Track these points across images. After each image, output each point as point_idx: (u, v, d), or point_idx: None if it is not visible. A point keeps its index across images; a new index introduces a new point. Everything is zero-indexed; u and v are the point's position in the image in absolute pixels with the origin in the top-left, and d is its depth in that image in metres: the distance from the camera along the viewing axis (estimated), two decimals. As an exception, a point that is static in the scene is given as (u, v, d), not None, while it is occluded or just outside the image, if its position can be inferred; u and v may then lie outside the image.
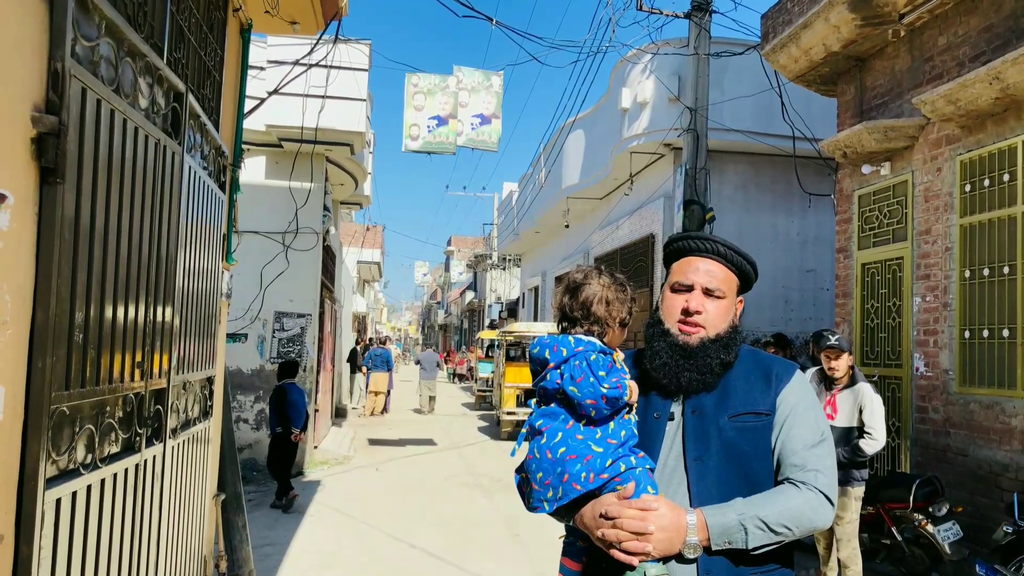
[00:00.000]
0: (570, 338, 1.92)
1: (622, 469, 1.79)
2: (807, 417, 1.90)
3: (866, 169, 7.66)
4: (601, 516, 1.77)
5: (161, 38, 2.89)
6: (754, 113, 10.76)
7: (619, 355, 1.94)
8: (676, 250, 2.06)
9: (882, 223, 7.62)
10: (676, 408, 1.94)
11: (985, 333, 6.19)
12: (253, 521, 6.64)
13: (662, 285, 2.09)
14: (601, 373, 1.80)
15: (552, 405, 1.90)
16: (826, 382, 5.62)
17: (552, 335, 1.95)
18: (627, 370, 1.91)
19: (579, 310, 1.95)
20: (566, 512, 1.87)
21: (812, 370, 6.41)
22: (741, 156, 11.57)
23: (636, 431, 1.89)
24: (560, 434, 1.84)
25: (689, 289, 1.97)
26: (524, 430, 1.96)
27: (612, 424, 1.84)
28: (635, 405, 1.93)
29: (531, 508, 1.91)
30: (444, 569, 6.32)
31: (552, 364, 1.89)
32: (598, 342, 1.92)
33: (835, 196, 8.60)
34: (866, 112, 7.91)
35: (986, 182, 6.26)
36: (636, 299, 2.04)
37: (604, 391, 1.79)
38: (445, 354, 40.86)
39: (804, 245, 11.68)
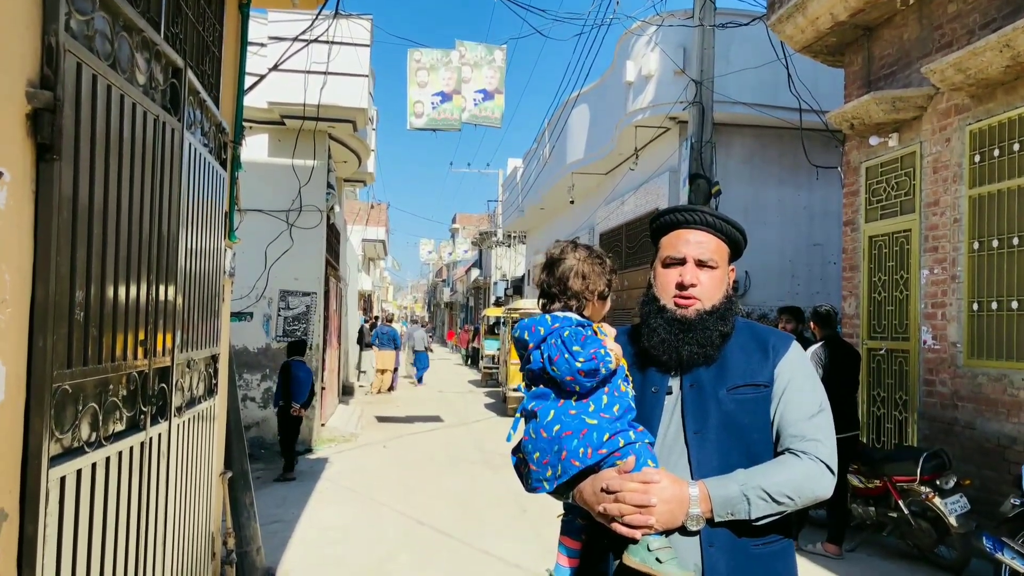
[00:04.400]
0: (547, 317, 1.91)
1: (621, 444, 1.78)
2: (805, 388, 1.90)
3: (874, 140, 7.58)
4: (602, 490, 1.76)
5: (158, 13, 2.85)
6: (760, 85, 10.63)
7: (611, 331, 1.92)
8: (664, 224, 2.03)
9: (890, 195, 7.56)
10: (674, 382, 1.93)
11: (994, 305, 6.15)
12: (261, 498, 6.68)
13: (652, 261, 2.06)
14: (576, 348, 1.79)
15: (540, 386, 1.89)
16: None
17: (532, 316, 1.94)
18: (608, 336, 1.88)
19: (556, 286, 1.94)
20: (565, 489, 1.86)
21: (815, 347, 6.39)
22: (747, 129, 11.46)
23: (634, 405, 1.88)
24: (552, 412, 1.83)
25: (681, 262, 1.94)
26: (518, 415, 1.95)
27: (605, 398, 1.83)
28: (629, 376, 1.91)
29: (530, 489, 1.91)
30: (452, 545, 6.35)
31: (532, 345, 1.89)
32: (575, 316, 1.90)
33: (842, 168, 8.52)
34: (874, 83, 7.82)
35: (996, 152, 6.19)
36: (616, 272, 2.02)
37: (579, 366, 1.77)
38: (455, 333, 41.01)
39: (811, 218, 11.60)
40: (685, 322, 1.89)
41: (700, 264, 1.93)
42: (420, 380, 21.81)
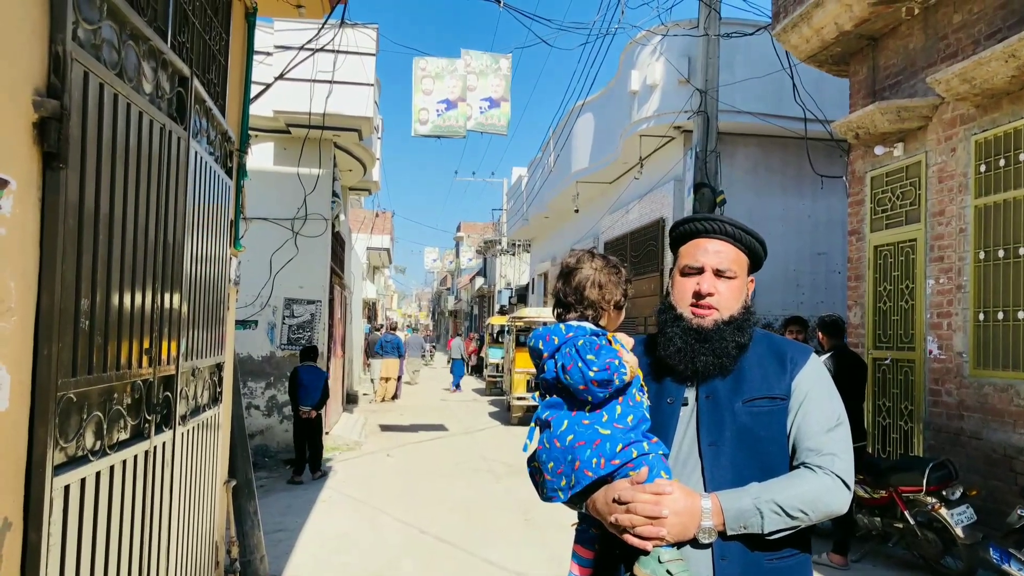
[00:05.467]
0: (561, 326, 1.90)
1: (634, 455, 1.77)
2: (823, 401, 1.87)
3: (879, 150, 7.57)
4: (614, 501, 1.75)
5: (164, 21, 2.86)
6: (765, 94, 10.64)
7: (628, 341, 1.91)
8: (683, 233, 2.02)
9: (895, 205, 7.54)
10: (690, 393, 1.91)
11: (1000, 315, 6.12)
12: (265, 507, 6.67)
13: (671, 270, 2.05)
14: (590, 357, 1.78)
15: (554, 395, 1.88)
16: None
17: (546, 325, 1.94)
18: (626, 347, 1.87)
19: (572, 295, 1.93)
20: (579, 499, 1.85)
21: (823, 358, 6.36)
22: (752, 138, 11.46)
23: (648, 415, 1.87)
24: (566, 422, 1.83)
25: (699, 271, 1.93)
26: (533, 424, 1.95)
27: (619, 408, 1.82)
28: (645, 386, 1.91)
29: (545, 498, 1.90)
30: (456, 554, 6.33)
31: (546, 354, 1.88)
32: (589, 326, 1.90)
33: (847, 178, 8.51)
34: (879, 92, 7.82)
35: (1001, 162, 6.18)
36: (631, 281, 2.01)
37: (592, 375, 1.76)
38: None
39: (816, 228, 11.59)
40: (701, 332, 1.88)
41: (718, 274, 1.92)
42: (457, 387, 22.95)
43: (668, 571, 1.68)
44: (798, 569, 1.84)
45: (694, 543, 1.74)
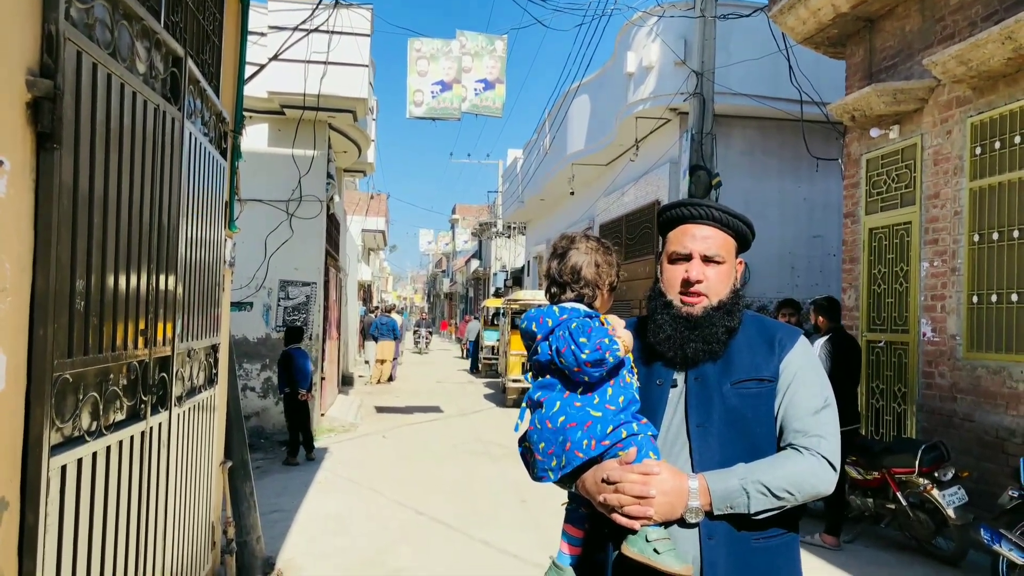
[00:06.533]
0: (555, 308, 1.90)
1: (623, 435, 1.79)
2: (810, 383, 1.88)
3: (875, 133, 7.56)
4: (603, 481, 1.77)
5: (158, 1, 2.84)
6: (761, 77, 10.60)
7: (618, 322, 1.92)
8: (670, 219, 2.01)
9: (890, 187, 7.55)
10: (679, 375, 1.92)
11: (994, 298, 6.15)
12: (261, 488, 6.69)
13: (659, 255, 2.05)
14: (582, 340, 1.78)
15: (547, 376, 1.89)
16: None
17: (539, 308, 1.94)
18: (617, 326, 1.88)
19: (568, 274, 1.93)
20: (569, 479, 1.87)
21: (820, 340, 6.38)
22: (748, 120, 11.44)
23: (638, 396, 1.88)
24: (558, 403, 1.84)
25: (688, 258, 1.93)
26: (524, 404, 1.96)
27: (610, 390, 1.84)
28: (635, 368, 1.92)
29: (536, 478, 1.91)
30: (451, 535, 6.37)
31: (540, 336, 1.89)
32: (583, 307, 1.90)
33: (843, 160, 8.51)
34: (875, 74, 7.80)
35: (997, 144, 6.18)
36: (621, 265, 2.02)
37: (584, 357, 1.77)
38: (448, 323, 41.31)
39: (811, 210, 11.59)
40: (691, 320, 1.88)
41: (706, 259, 1.92)
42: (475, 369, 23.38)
43: (655, 550, 1.70)
44: (785, 549, 1.86)
45: (681, 523, 1.76)
